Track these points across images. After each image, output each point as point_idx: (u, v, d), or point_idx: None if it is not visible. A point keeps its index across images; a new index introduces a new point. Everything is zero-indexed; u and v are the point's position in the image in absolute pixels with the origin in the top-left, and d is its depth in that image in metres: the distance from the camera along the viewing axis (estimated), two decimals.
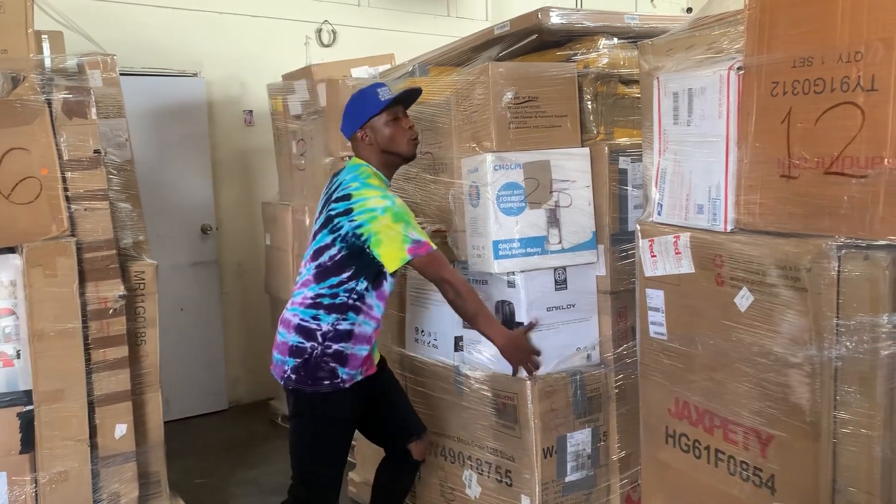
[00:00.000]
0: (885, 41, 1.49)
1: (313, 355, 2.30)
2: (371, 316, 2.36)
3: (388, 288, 2.39)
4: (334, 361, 2.31)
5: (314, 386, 2.31)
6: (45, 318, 2.57)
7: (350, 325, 2.32)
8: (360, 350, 2.35)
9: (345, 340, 2.31)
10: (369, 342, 2.38)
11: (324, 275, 2.31)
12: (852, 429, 1.61)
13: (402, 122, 2.40)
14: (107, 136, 2.88)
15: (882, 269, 1.52)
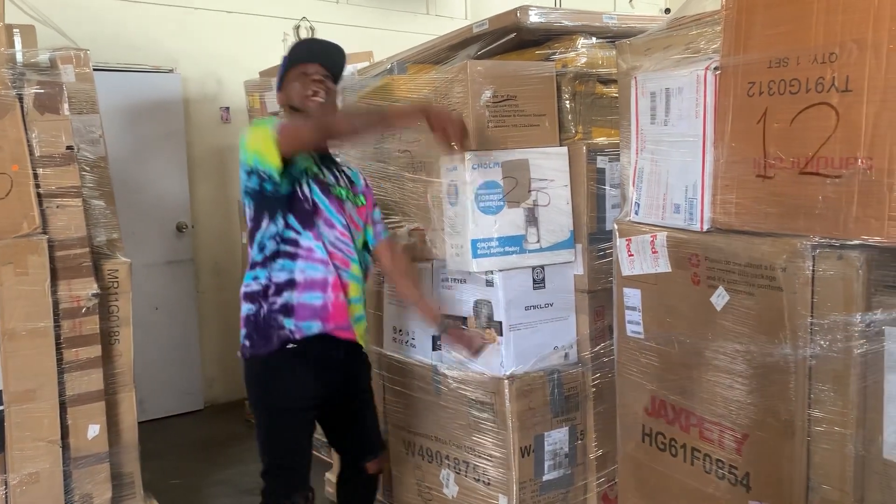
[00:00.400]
0: (859, 42, 1.50)
1: (261, 316, 2.20)
2: (314, 259, 2.21)
3: (327, 230, 2.25)
4: (282, 314, 2.19)
5: (266, 346, 2.20)
6: (16, 316, 2.52)
7: (289, 273, 2.19)
8: (309, 298, 2.20)
9: (288, 289, 2.19)
10: (323, 289, 2.22)
11: (252, 238, 2.25)
12: (826, 427, 1.62)
13: (306, 77, 2.31)
14: (80, 133, 2.84)
15: (855, 268, 1.54)
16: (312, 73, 2.32)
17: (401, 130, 2.64)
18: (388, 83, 2.83)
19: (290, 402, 2.25)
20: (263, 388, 2.27)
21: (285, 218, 2.21)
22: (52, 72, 2.73)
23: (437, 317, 2.47)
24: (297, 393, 2.25)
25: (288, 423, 2.27)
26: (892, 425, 1.53)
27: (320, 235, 2.23)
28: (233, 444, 4.24)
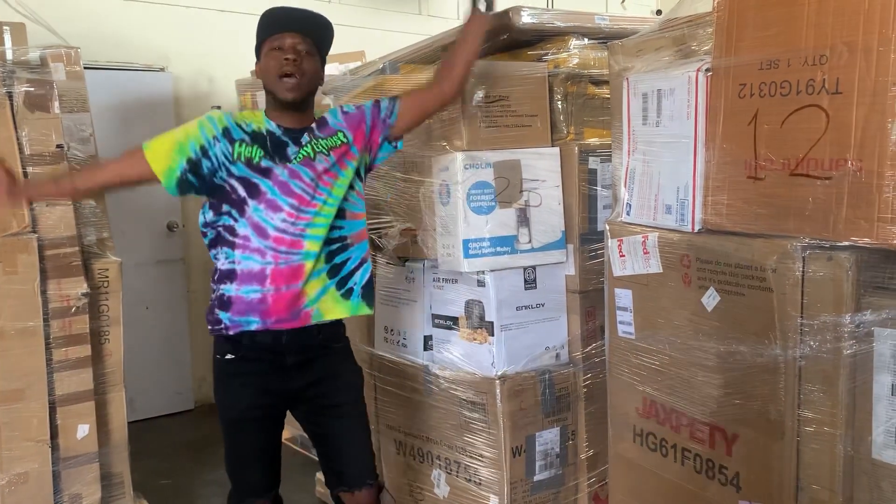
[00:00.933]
0: (849, 45, 1.51)
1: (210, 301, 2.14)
2: (250, 248, 2.05)
3: (271, 213, 2.06)
4: (218, 307, 2.09)
5: (212, 333, 2.13)
6: (5, 315, 2.51)
7: (230, 263, 2.07)
8: (246, 291, 2.05)
9: (227, 280, 2.07)
10: (261, 281, 2.04)
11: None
12: (815, 427, 1.63)
13: (279, 53, 2.07)
14: (70, 131, 2.82)
15: (845, 269, 1.55)
16: (288, 46, 2.07)
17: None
18: (381, 83, 2.83)
19: (228, 412, 2.16)
20: (215, 394, 2.20)
21: (219, 206, 2.10)
22: (43, 70, 2.72)
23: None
24: (232, 401, 2.14)
25: (231, 431, 2.18)
26: (881, 425, 1.54)
27: (257, 223, 2.05)
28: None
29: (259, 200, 2.06)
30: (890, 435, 1.52)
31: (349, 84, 3.06)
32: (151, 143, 2.12)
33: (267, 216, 2.06)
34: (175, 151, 2.08)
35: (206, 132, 2.08)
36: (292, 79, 2.06)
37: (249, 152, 2.08)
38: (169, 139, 2.11)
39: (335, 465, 2.24)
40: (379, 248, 2.86)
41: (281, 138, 2.12)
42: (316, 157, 2.13)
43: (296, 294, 2.07)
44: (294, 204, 2.08)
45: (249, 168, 2.07)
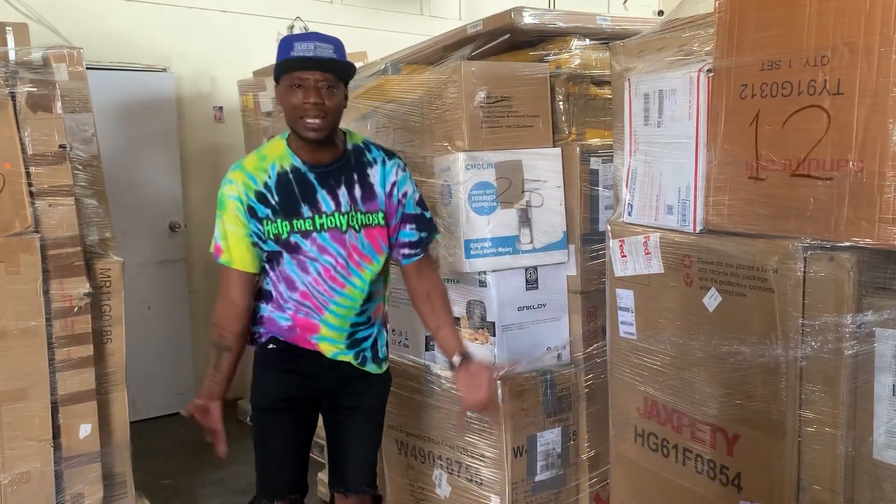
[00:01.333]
0: (851, 46, 1.51)
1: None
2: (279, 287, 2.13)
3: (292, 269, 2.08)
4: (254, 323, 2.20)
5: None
6: (8, 315, 2.51)
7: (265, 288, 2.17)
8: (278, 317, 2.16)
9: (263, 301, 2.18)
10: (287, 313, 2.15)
11: None
12: (816, 427, 1.63)
13: (301, 91, 1.94)
14: (73, 131, 2.83)
15: (846, 270, 1.55)
16: (310, 86, 1.94)
17: None
18: (382, 83, 2.83)
19: (260, 400, 2.24)
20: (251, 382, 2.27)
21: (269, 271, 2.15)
22: (45, 70, 2.72)
23: (455, 350, 2.14)
24: (264, 391, 2.23)
25: (260, 420, 2.25)
26: (882, 426, 1.54)
27: (286, 275, 2.10)
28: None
29: (293, 257, 2.08)
30: (891, 435, 1.53)
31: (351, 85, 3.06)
32: (231, 256, 2.10)
33: (298, 272, 2.10)
34: (247, 245, 2.10)
35: (242, 214, 2.06)
36: (315, 120, 1.96)
37: (277, 228, 2.05)
38: (236, 241, 2.08)
39: (339, 464, 2.27)
40: None
41: (310, 179, 2.06)
42: (347, 231, 2.08)
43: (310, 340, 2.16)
44: (323, 276, 2.08)
45: (278, 244, 2.07)
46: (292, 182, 2.05)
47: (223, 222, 2.09)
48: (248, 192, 2.05)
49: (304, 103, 1.94)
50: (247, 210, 2.06)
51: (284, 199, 2.05)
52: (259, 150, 2.15)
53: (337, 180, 2.07)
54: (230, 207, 2.07)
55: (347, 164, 2.10)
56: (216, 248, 2.12)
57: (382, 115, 2.81)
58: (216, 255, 2.12)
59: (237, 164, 2.11)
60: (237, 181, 2.07)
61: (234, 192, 2.06)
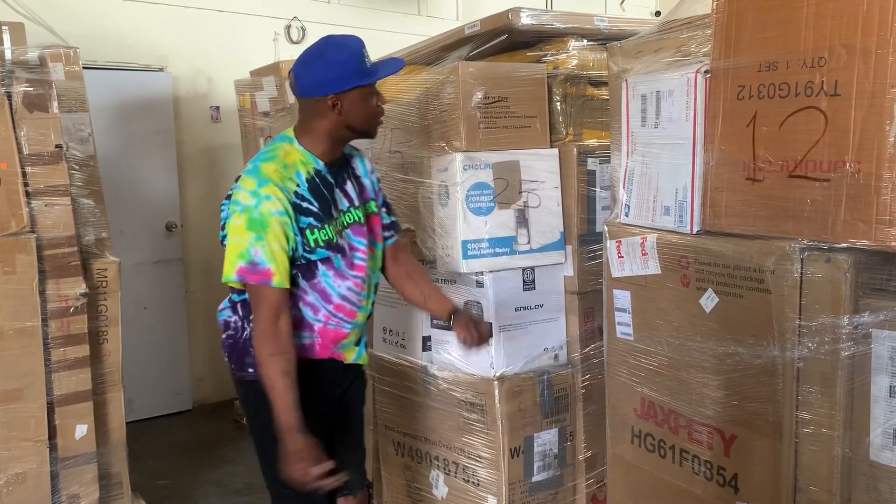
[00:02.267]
0: (848, 47, 1.51)
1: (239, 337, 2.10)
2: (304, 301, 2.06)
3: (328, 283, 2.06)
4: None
5: (241, 371, 2.10)
6: (4, 315, 2.51)
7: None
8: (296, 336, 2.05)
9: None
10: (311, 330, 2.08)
11: None
12: (813, 428, 1.63)
13: (378, 99, 2.10)
14: (69, 131, 2.82)
15: (843, 271, 1.55)
16: (380, 93, 2.11)
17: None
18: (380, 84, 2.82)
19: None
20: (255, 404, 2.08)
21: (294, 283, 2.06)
22: (42, 70, 2.71)
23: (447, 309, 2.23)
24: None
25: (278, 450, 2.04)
26: (879, 427, 1.54)
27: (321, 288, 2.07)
28: (221, 444, 4.23)
29: (329, 268, 2.07)
30: (888, 436, 1.53)
31: None
32: (282, 278, 1.97)
33: (334, 283, 2.08)
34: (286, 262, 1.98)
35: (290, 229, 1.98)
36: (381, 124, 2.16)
37: (327, 234, 2.05)
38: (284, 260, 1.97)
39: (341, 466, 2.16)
40: None
41: (329, 180, 2.09)
42: (365, 222, 2.16)
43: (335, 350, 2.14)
44: (356, 275, 2.11)
45: (329, 248, 2.05)
46: (320, 185, 2.06)
47: (268, 243, 1.93)
48: (289, 205, 1.98)
49: (380, 108, 2.10)
50: (294, 224, 1.98)
51: (322, 203, 2.04)
52: (274, 159, 2.03)
53: (342, 177, 2.14)
54: (275, 225, 1.94)
55: (346, 161, 2.19)
56: (264, 274, 1.94)
57: None
58: (265, 280, 1.94)
59: (263, 178, 1.97)
60: (276, 196, 1.95)
61: (277, 208, 1.95)
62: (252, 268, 1.93)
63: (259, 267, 1.93)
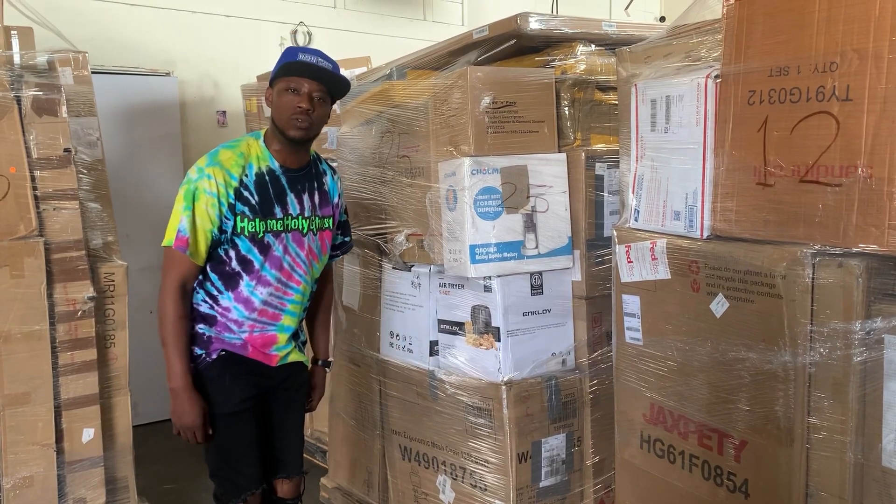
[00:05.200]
0: (860, 52, 1.51)
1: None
2: (229, 318, 2.24)
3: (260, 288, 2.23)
4: (192, 342, 2.25)
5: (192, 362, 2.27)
6: (12, 319, 2.51)
7: (207, 314, 2.24)
8: (227, 337, 2.24)
9: (205, 323, 2.25)
10: (241, 344, 2.26)
11: None
12: (825, 434, 1.62)
13: (296, 97, 2.16)
14: (77, 135, 2.83)
15: (855, 276, 1.54)
16: (304, 93, 2.17)
17: None
18: (387, 88, 2.83)
19: (223, 407, 2.25)
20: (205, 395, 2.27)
21: (208, 275, 2.23)
22: (51, 74, 2.73)
23: (323, 354, 2.58)
24: (225, 397, 2.24)
25: (228, 424, 2.26)
26: (891, 433, 1.53)
27: (244, 298, 2.23)
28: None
29: (252, 277, 2.23)
30: None
31: (356, 90, 3.06)
32: (196, 250, 2.15)
33: (256, 290, 2.24)
34: (206, 242, 2.17)
35: (215, 211, 2.14)
36: (304, 123, 2.18)
37: (254, 227, 2.20)
38: (203, 236, 2.15)
39: (278, 453, 2.42)
40: (385, 253, 2.86)
41: (282, 183, 2.26)
42: (307, 234, 2.32)
43: (268, 353, 2.31)
44: (279, 278, 2.26)
45: (253, 242, 2.20)
46: (268, 183, 2.23)
47: (192, 216, 2.12)
48: (228, 189, 2.15)
49: (297, 106, 2.16)
50: (226, 207, 2.14)
51: (262, 199, 2.20)
52: (234, 147, 2.22)
53: (303, 186, 2.32)
54: (203, 202, 2.12)
55: (310, 172, 2.35)
56: (181, 240, 2.12)
57: (387, 120, 2.82)
58: (180, 246, 2.12)
59: (212, 159, 2.17)
60: (216, 176, 2.14)
61: (210, 188, 2.13)
62: (177, 233, 2.13)
63: (181, 233, 2.12)
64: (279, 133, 2.22)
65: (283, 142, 2.24)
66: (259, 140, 2.28)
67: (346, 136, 3.14)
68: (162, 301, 2.17)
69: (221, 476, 2.33)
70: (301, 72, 2.17)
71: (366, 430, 3.09)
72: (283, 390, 2.40)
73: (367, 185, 2.92)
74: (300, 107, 2.16)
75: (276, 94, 2.21)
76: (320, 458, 3.70)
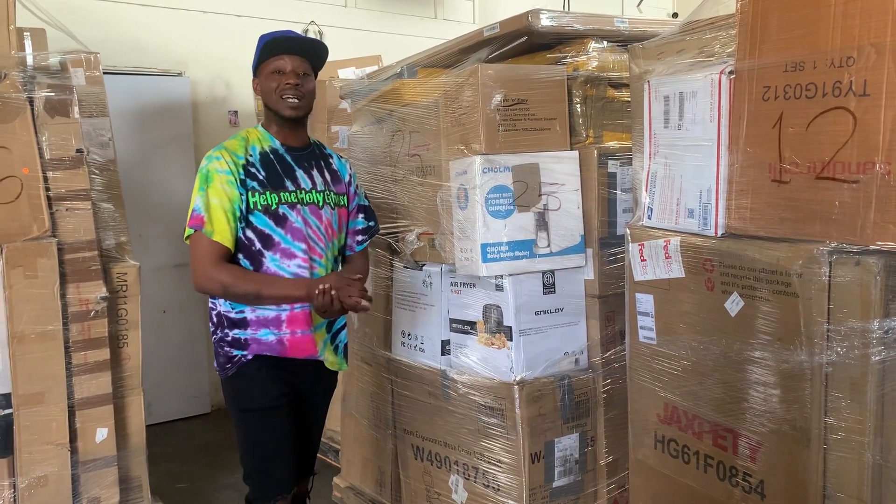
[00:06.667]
0: (877, 46, 1.48)
1: (219, 345, 2.27)
2: None
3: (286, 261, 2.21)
4: (234, 347, 2.24)
5: (226, 371, 2.27)
6: (25, 319, 2.52)
7: (239, 312, 2.23)
8: (263, 335, 2.23)
9: (240, 327, 2.23)
10: (277, 326, 2.23)
11: None
12: (842, 435, 1.60)
13: (281, 76, 2.26)
14: (90, 136, 2.84)
15: (873, 274, 1.52)
16: (290, 70, 2.25)
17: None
18: (398, 87, 2.83)
19: (257, 402, 2.24)
20: (233, 395, 2.29)
21: (233, 258, 2.20)
22: (63, 75, 2.74)
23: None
24: (260, 392, 2.24)
25: (261, 422, 2.25)
26: None
27: (275, 272, 2.22)
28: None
29: (275, 251, 2.22)
30: None
31: (366, 88, 3.06)
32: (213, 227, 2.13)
33: (283, 264, 2.23)
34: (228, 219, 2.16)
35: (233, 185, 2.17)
36: (294, 99, 2.25)
37: (266, 200, 2.22)
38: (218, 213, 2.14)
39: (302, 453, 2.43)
40: (396, 252, 2.85)
41: (288, 160, 2.31)
42: (324, 207, 2.33)
43: (309, 340, 2.28)
44: (305, 249, 2.26)
45: (267, 215, 2.21)
46: (273, 161, 2.28)
47: (206, 195, 2.14)
48: (236, 165, 2.20)
49: (284, 84, 2.24)
50: (238, 182, 2.17)
51: (269, 173, 2.24)
52: (237, 137, 2.31)
53: (309, 163, 2.36)
54: (217, 181, 2.15)
55: (314, 152, 2.41)
56: (197, 219, 2.12)
57: (398, 119, 2.81)
58: (197, 225, 2.11)
59: (220, 147, 2.25)
60: (224, 157, 2.19)
61: (222, 167, 2.17)
62: (191, 214, 2.14)
63: (195, 213, 2.14)
64: (275, 115, 2.30)
65: (280, 122, 2.31)
66: (259, 127, 2.37)
67: (357, 134, 3.14)
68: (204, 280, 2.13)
69: (255, 479, 2.31)
70: (278, 49, 2.25)
71: (378, 429, 3.09)
72: (312, 394, 2.42)
73: (379, 184, 2.92)
74: (288, 83, 2.24)
75: (262, 81, 2.31)
76: (333, 458, 3.70)
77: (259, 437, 2.26)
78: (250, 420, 2.26)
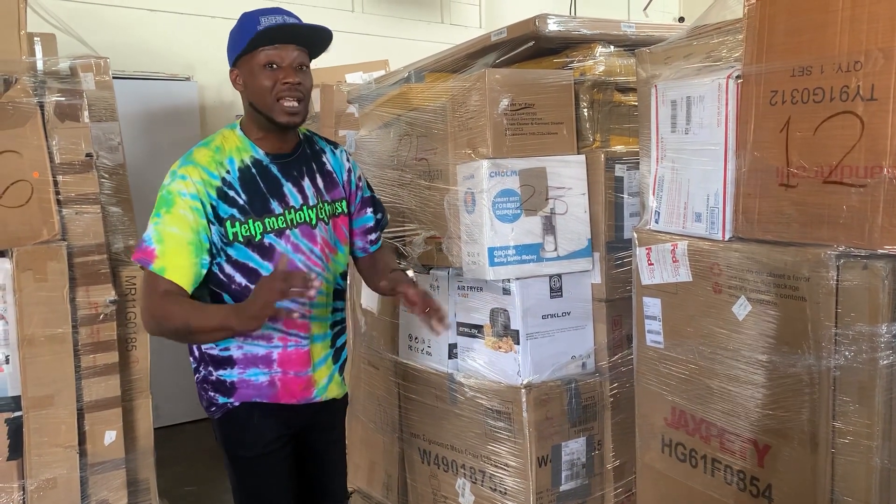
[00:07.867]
0: (885, 51, 1.49)
1: (200, 386, 2.00)
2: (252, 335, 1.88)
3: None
4: (218, 392, 1.94)
5: (208, 412, 2.01)
6: (35, 322, 2.54)
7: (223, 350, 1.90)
8: (251, 375, 1.92)
9: (225, 366, 1.92)
10: (268, 365, 1.91)
11: None
12: (851, 439, 1.60)
13: (278, 72, 1.81)
14: (99, 140, 2.86)
15: (881, 278, 1.52)
16: (287, 65, 1.82)
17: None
18: (405, 91, 2.84)
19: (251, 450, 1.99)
20: (221, 439, 2.06)
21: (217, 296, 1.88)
22: (73, 80, 2.76)
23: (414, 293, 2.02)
24: (253, 438, 1.97)
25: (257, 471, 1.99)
26: None
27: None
28: None
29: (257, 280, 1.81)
30: None
31: (374, 92, 3.07)
32: (164, 263, 1.75)
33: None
34: (188, 255, 1.79)
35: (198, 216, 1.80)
36: (294, 103, 1.84)
37: (248, 230, 1.85)
38: (176, 247, 1.77)
39: (325, 480, 2.20)
40: (403, 255, 2.86)
41: (273, 173, 1.92)
42: (317, 225, 1.97)
43: (306, 382, 1.99)
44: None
45: (250, 248, 1.85)
46: (256, 177, 1.88)
47: (162, 224, 1.76)
48: (209, 189, 1.81)
49: (282, 84, 1.81)
50: (208, 211, 1.80)
51: (251, 196, 1.85)
52: (208, 144, 1.91)
53: (299, 171, 1.97)
54: (179, 206, 1.77)
55: (305, 152, 2.01)
56: (146, 253, 1.75)
57: (405, 123, 2.82)
58: (145, 260, 1.75)
59: (186, 159, 1.85)
60: (192, 176, 1.80)
61: (188, 189, 1.79)
62: (142, 247, 1.78)
63: (143, 244, 1.78)
64: (265, 119, 1.87)
65: (268, 128, 1.89)
66: (236, 129, 1.94)
67: (364, 139, 3.15)
68: (148, 316, 1.78)
69: None
70: (274, 38, 1.80)
71: (384, 433, 3.09)
72: (320, 430, 2.13)
73: (386, 187, 2.92)
74: (286, 82, 1.81)
75: (247, 74, 1.85)
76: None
77: (254, 489, 2.00)
78: (243, 468, 2.00)
